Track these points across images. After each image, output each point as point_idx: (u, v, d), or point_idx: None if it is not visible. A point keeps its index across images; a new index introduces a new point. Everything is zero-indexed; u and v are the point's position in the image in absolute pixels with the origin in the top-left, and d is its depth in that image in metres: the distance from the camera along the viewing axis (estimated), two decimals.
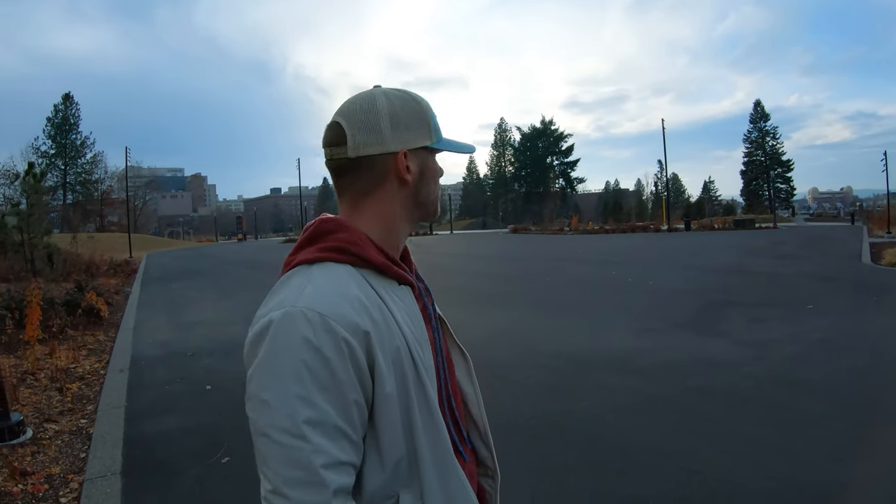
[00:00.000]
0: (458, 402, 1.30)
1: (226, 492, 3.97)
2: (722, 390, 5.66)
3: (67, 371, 7.12)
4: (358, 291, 1.06)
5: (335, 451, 0.99)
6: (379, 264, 1.12)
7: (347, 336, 1.00)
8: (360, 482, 1.07)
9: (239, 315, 11.41)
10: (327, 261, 1.10)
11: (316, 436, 0.97)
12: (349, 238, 1.12)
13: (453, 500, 1.13)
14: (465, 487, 1.16)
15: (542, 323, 9.69)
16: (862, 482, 3.72)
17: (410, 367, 1.08)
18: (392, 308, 1.10)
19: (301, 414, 0.97)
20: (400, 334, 1.08)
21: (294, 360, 0.98)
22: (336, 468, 0.99)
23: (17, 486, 4.04)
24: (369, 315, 1.04)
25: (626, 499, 3.64)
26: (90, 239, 26.15)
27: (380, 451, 1.06)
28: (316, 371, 0.98)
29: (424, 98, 1.20)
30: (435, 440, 1.10)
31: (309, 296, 1.03)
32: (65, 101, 71.84)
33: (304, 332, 0.99)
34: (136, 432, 5.14)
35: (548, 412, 5.24)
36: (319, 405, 0.98)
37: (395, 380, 1.05)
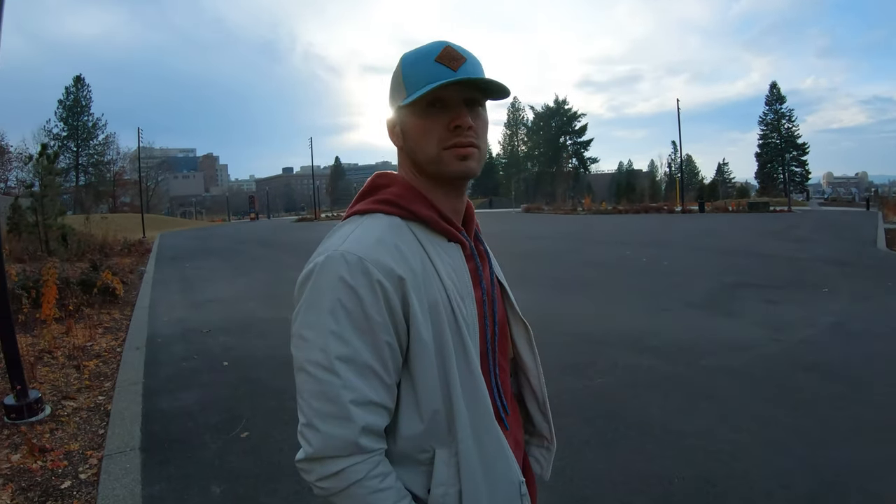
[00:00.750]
0: (503, 364, 1.30)
1: (246, 466, 4.00)
2: (737, 371, 5.64)
3: (84, 349, 7.18)
4: (399, 241, 1.10)
5: (365, 389, 1.04)
6: (425, 218, 1.15)
7: (381, 278, 1.04)
8: (396, 427, 1.11)
9: (254, 293, 11.50)
10: (377, 212, 1.16)
11: (347, 372, 1.03)
12: (398, 192, 1.17)
13: (490, 465, 1.14)
14: (504, 453, 1.17)
15: (558, 302, 9.68)
16: (875, 464, 3.70)
17: (450, 318, 1.11)
18: (435, 260, 1.13)
19: (334, 350, 1.03)
20: (441, 286, 1.11)
21: (331, 297, 1.04)
22: (365, 406, 1.04)
23: (36, 463, 4.09)
24: (408, 263, 1.08)
25: (645, 476, 3.64)
26: (103, 220, 26.35)
27: (417, 398, 1.10)
28: (350, 309, 1.03)
29: (424, 45, 1.17)
30: (473, 397, 1.12)
31: (351, 241, 1.08)
32: (76, 84, 71.96)
33: (342, 272, 1.04)
34: (154, 408, 5.19)
35: (565, 389, 5.24)
36: (352, 342, 1.03)
37: (431, 328, 1.09)
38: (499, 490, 1.16)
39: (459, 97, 1.13)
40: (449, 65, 1.11)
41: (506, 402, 1.26)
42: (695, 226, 26.87)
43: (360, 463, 1.05)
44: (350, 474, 1.04)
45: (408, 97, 1.13)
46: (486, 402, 1.15)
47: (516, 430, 1.32)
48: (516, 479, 1.20)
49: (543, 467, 1.45)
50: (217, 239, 30.35)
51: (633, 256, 15.58)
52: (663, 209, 44.54)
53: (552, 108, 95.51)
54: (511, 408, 1.32)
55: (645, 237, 21.66)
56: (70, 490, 3.74)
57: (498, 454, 1.16)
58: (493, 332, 1.23)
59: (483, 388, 1.14)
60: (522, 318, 1.41)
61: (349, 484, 1.04)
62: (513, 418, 1.32)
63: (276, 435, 4.46)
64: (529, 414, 1.44)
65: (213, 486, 3.72)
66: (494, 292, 1.29)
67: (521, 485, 1.21)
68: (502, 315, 1.33)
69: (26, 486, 3.77)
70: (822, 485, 3.45)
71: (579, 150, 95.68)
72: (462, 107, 1.13)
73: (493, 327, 1.24)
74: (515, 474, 1.20)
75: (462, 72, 1.11)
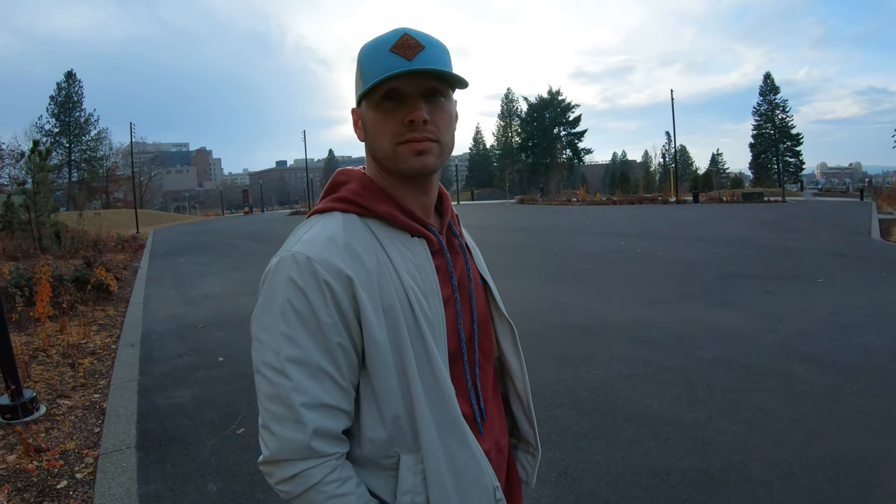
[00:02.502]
0: (484, 366, 1.25)
1: (243, 462, 3.98)
2: (734, 362, 5.64)
3: (79, 346, 7.13)
4: (351, 239, 1.07)
5: (317, 391, 1.02)
6: (383, 214, 1.12)
7: (329, 279, 1.02)
8: (359, 431, 1.09)
9: (247, 287, 11.45)
10: (334, 210, 1.13)
11: (298, 374, 1.01)
12: (355, 189, 1.14)
13: (460, 472, 1.11)
14: (475, 459, 1.13)
15: (553, 293, 9.64)
16: (874, 455, 3.71)
17: (409, 318, 1.07)
18: (394, 258, 1.10)
19: (285, 352, 1.02)
20: (399, 284, 1.08)
21: (282, 299, 1.03)
22: (318, 409, 1.02)
23: (32, 464, 4.06)
24: (359, 262, 1.05)
25: (640, 468, 3.63)
26: (97, 216, 26.18)
27: (377, 402, 1.08)
28: (300, 310, 1.02)
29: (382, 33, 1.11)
30: (438, 401, 1.09)
31: (303, 242, 1.07)
32: (68, 79, 71.41)
33: (292, 273, 1.03)
34: (149, 405, 5.15)
35: (560, 381, 5.24)
36: (302, 344, 1.02)
37: (386, 328, 1.06)
38: (470, 497, 1.12)
39: (417, 89, 1.07)
40: (404, 54, 1.05)
41: (483, 406, 1.21)
42: (689, 216, 26.88)
43: (315, 467, 1.03)
44: (306, 478, 1.03)
45: (364, 86, 1.08)
46: (453, 407, 1.10)
47: (498, 434, 1.28)
48: (490, 486, 1.16)
49: (529, 474, 1.43)
50: (211, 234, 30.22)
51: (627, 247, 15.57)
52: (658, 200, 44.51)
53: (546, 99, 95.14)
54: (495, 411, 1.28)
55: (639, 228, 21.65)
56: (66, 490, 3.71)
57: (468, 461, 1.12)
58: (469, 332, 1.20)
59: (449, 391, 1.10)
60: (507, 317, 1.35)
61: (306, 488, 1.03)
62: (496, 421, 1.28)
63: None
64: (515, 418, 1.41)
65: (209, 483, 3.69)
66: (473, 289, 1.23)
67: (496, 490, 1.17)
68: (484, 314, 1.28)
69: (22, 486, 3.75)
70: (822, 476, 3.45)
71: (573, 141, 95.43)
72: (418, 100, 1.07)
73: (469, 326, 1.20)
74: (489, 480, 1.16)
75: (417, 61, 1.05)
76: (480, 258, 1.35)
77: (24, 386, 5.06)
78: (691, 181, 73.05)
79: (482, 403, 1.21)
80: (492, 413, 1.25)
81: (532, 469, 1.43)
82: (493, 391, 1.29)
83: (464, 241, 1.28)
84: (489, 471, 1.16)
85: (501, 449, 1.28)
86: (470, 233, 1.37)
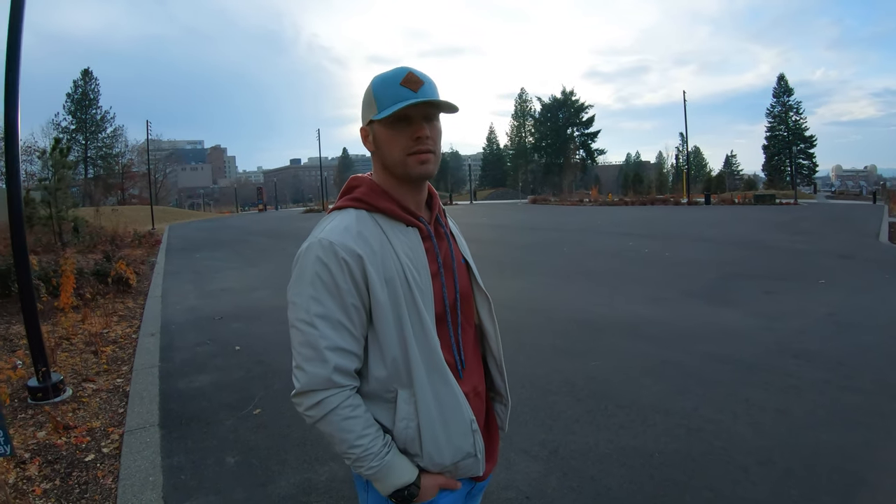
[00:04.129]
0: (466, 328, 1.62)
1: (258, 439, 4.28)
2: (729, 357, 5.85)
3: (101, 335, 7.45)
4: (362, 228, 1.44)
5: (336, 338, 1.39)
6: (385, 210, 1.49)
7: (346, 257, 1.39)
8: (367, 371, 1.47)
9: (263, 282, 11.76)
10: (348, 207, 1.51)
11: (323, 325, 1.39)
12: (364, 191, 1.51)
13: (443, 405, 1.48)
14: (455, 395, 1.50)
15: (559, 290, 9.92)
16: (853, 445, 3.91)
17: (404, 286, 1.44)
18: (394, 242, 1.47)
19: (313, 309, 1.39)
20: (397, 261, 1.45)
21: (311, 272, 1.40)
22: (337, 351, 1.40)
23: (60, 439, 4.37)
24: (368, 245, 1.42)
25: (627, 449, 3.89)
26: (114, 212, 26.55)
27: (380, 349, 1.44)
28: (324, 280, 1.39)
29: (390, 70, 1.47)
30: (426, 349, 1.46)
31: (327, 231, 1.43)
32: (84, 77, 72.36)
33: (318, 253, 1.40)
34: (171, 389, 5.47)
35: (559, 371, 5.50)
36: (326, 304, 1.39)
37: (387, 293, 1.43)
38: (451, 425, 1.49)
39: (420, 113, 1.44)
40: (411, 87, 1.41)
41: (463, 357, 1.57)
42: (699, 217, 26.96)
43: (333, 395, 1.41)
44: (326, 404, 1.40)
45: (379, 113, 1.43)
46: (437, 354, 1.47)
47: (476, 382, 1.63)
48: (467, 418, 1.52)
49: (503, 420, 1.77)
50: (226, 230, 30.61)
51: (635, 247, 15.75)
52: (669, 201, 44.59)
53: (559, 99, 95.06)
54: (474, 363, 1.64)
55: (648, 228, 21.79)
56: (94, 462, 4.02)
57: (450, 396, 1.49)
58: (453, 299, 1.55)
59: (434, 342, 1.47)
60: (485, 291, 1.70)
61: (326, 412, 1.41)
62: (475, 372, 1.63)
63: (287, 411, 4.73)
64: (491, 374, 1.75)
65: (228, 457, 4.00)
66: (455, 267, 1.59)
67: (472, 422, 1.53)
68: (466, 286, 1.64)
69: (52, 459, 4.05)
70: (800, 463, 3.66)
71: (586, 142, 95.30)
72: (422, 121, 1.44)
73: (453, 294, 1.55)
74: (467, 413, 1.52)
75: (422, 93, 1.42)
76: (464, 244, 1.71)
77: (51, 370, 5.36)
78: (705, 182, 72.80)
79: (462, 355, 1.57)
80: (471, 364, 1.61)
81: (505, 416, 1.76)
82: (473, 348, 1.65)
83: (449, 230, 1.64)
84: (467, 406, 1.52)
85: (479, 394, 1.63)
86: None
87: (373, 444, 1.43)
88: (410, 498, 1.48)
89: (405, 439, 1.48)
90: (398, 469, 1.46)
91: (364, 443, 1.42)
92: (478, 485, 1.70)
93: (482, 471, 1.60)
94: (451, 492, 1.57)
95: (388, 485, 1.46)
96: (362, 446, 1.42)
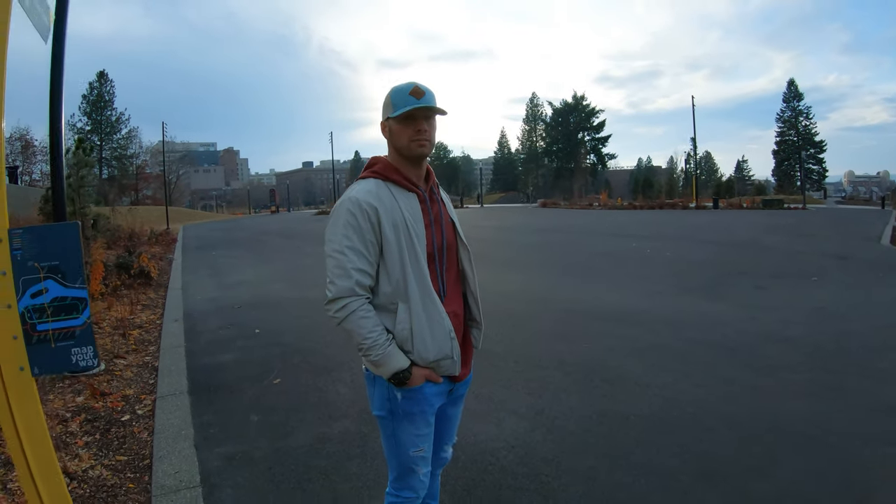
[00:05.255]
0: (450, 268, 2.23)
1: (278, 402, 4.81)
2: (712, 341, 6.28)
3: (127, 321, 7.96)
4: (378, 190, 2.08)
5: (358, 261, 2.00)
6: (394, 179, 2.13)
7: (367, 208, 2.00)
8: (378, 289, 2.08)
9: (278, 277, 12.26)
10: (369, 177, 2.14)
11: (350, 252, 2.00)
12: (380, 167, 2.15)
13: (430, 315, 2.10)
14: (439, 311, 2.11)
15: (559, 284, 10.39)
16: (816, 414, 4.33)
17: (405, 231, 2.06)
18: (400, 201, 2.09)
19: (343, 242, 2.01)
20: (401, 214, 2.06)
21: (343, 219, 2.02)
22: (358, 271, 2.01)
23: (98, 403, 4.87)
24: (381, 201, 2.04)
25: (606, 413, 4.36)
26: (129, 211, 27.15)
27: (387, 272, 2.06)
28: (351, 223, 2.00)
29: (403, 83, 2.12)
30: (418, 275, 2.08)
31: (354, 191, 2.07)
32: (100, 79, 73.51)
33: (348, 206, 2.02)
34: (197, 364, 5.98)
35: (554, 351, 5.97)
36: (352, 239, 2.00)
37: (393, 233, 2.04)
38: (435, 331, 2.11)
39: (421, 114, 2.09)
40: (416, 97, 2.08)
41: (445, 287, 2.19)
42: (705, 221, 27.24)
43: (353, 301, 2.03)
44: (349, 307, 2.03)
45: (394, 112, 2.10)
46: (427, 280, 2.08)
47: (455, 307, 2.22)
48: (447, 327, 2.13)
49: (477, 339, 2.37)
50: (239, 230, 31.18)
51: (638, 248, 16.14)
52: (678, 205, 44.83)
53: (570, 103, 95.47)
54: (455, 293, 2.24)
55: (654, 231, 22.14)
56: (130, 421, 4.52)
57: (434, 310, 2.11)
58: (440, 245, 2.16)
59: (425, 272, 2.09)
60: (466, 243, 2.30)
61: (349, 313, 2.01)
62: (455, 300, 2.24)
63: (304, 382, 5.28)
64: (469, 307, 2.33)
65: (252, 416, 4.51)
66: (443, 222, 2.22)
67: (451, 332, 2.15)
68: (451, 238, 2.24)
69: (91, 418, 4.56)
70: (764, 427, 4.08)
71: (597, 146, 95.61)
72: (422, 120, 2.10)
73: (440, 242, 2.16)
74: (447, 324, 2.13)
75: (423, 101, 2.08)
76: (452, 210, 2.32)
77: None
78: (714, 188, 72.93)
79: (444, 286, 2.17)
80: (451, 294, 2.22)
81: (479, 337, 2.36)
82: (454, 283, 2.25)
83: (440, 198, 2.26)
84: (447, 320, 2.12)
85: (458, 316, 2.23)
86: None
87: (379, 337, 2.03)
88: (404, 380, 2.07)
89: (402, 339, 2.07)
90: (395, 358, 2.05)
91: (373, 336, 2.02)
92: (456, 386, 2.27)
93: (458, 371, 2.20)
94: (435, 385, 2.16)
95: (388, 369, 2.05)
96: (372, 338, 2.02)
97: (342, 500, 3.29)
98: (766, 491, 3.24)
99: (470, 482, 3.41)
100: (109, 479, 3.60)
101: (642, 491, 3.28)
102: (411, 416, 2.14)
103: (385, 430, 2.20)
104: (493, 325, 6.93)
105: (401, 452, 2.18)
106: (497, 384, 5.04)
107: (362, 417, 4.34)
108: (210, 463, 3.75)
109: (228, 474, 3.60)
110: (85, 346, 2.26)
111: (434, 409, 2.20)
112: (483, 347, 2.41)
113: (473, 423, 4.16)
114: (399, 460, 2.20)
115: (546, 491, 3.29)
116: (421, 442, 2.18)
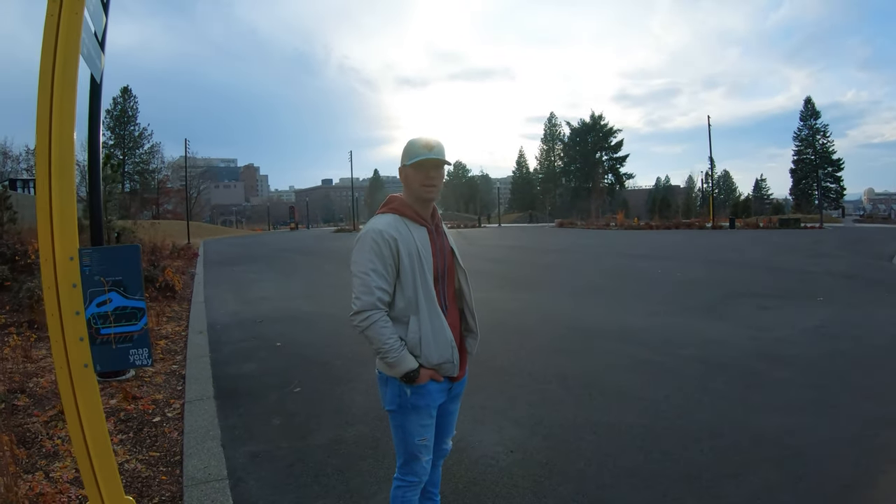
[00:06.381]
0: (450, 288, 2.67)
1: (298, 408, 5.23)
2: (708, 359, 6.58)
3: (152, 331, 8.39)
4: (396, 224, 2.49)
5: (380, 281, 2.41)
6: (408, 215, 2.55)
7: (388, 238, 2.41)
8: (394, 304, 2.49)
9: (298, 293, 12.74)
10: (387, 212, 2.57)
11: (372, 274, 2.40)
12: (397, 205, 2.58)
13: (435, 327, 2.52)
14: (442, 323, 2.54)
15: (566, 303, 10.76)
16: (797, 426, 4.63)
17: (416, 258, 2.48)
18: (413, 233, 2.51)
19: (368, 265, 2.41)
20: (414, 244, 2.48)
21: (368, 245, 2.42)
22: (379, 289, 2.41)
23: (130, 405, 5.29)
24: (399, 232, 2.45)
25: (600, 423, 4.72)
26: (152, 226, 27.81)
27: (402, 291, 2.48)
28: (375, 249, 2.40)
29: (418, 137, 2.57)
30: (427, 294, 2.50)
31: (376, 224, 2.47)
32: (123, 95, 75.17)
33: (373, 235, 2.42)
34: (222, 373, 6.42)
35: (555, 367, 6.32)
36: (376, 262, 2.40)
37: (408, 260, 2.46)
38: (439, 340, 2.54)
39: (431, 164, 2.53)
40: (428, 149, 2.52)
41: (446, 303, 2.64)
42: (720, 242, 27.43)
43: (374, 313, 2.44)
44: (371, 318, 2.42)
45: (409, 161, 2.53)
46: (433, 298, 2.51)
47: (454, 320, 2.65)
48: (450, 338, 2.58)
49: (473, 347, 2.79)
50: (259, 247, 31.83)
51: (648, 268, 16.47)
52: (694, 225, 45.00)
53: (588, 123, 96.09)
54: (454, 309, 2.67)
55: (667, 251, 22.43)
56: (161, 423, 4.93)
57: (439, 323, 2.52)
58: (442, 269, 2.59)
59: (432, 291, 2.52)
60: (463, 267, 2.73)
61: (371, 323, 2.40)
62: (454, 314, 2.66)
63: (322, 390, 5.71)
64: (466, 319, 2.76)
65: (274, 419, 4.94)
66: (445, 252, 2.66)
67: (452, 341, 2.59)
68: (451, 264, 2.68)
69: (125, 419, 4.98)
70: (746, 438, 4.39)
71: (615, 166, 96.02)
72: (432, 168, 2.53)
73: (443, 267, 2.59)
74: (449, 334, 2.58)
75: (433, 153, 2.52)
76: (452, 240, 2.75)
77: None
78: (732, 207, 72.81)
79: (446, 302, 2.61)
80: (452, 309, 2.66)
81: (474, 344, 2.79)
82: (452, 300, 2.69)
83: (443, 232, 2.70)
84: (449, 331, 2.56)
85: (455, 327, 2.66)
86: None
87: (395, 343, 2.46)
88: (413, 379, 2.50)
89: (412, 345, 2.50)
90: (407, 360, 2.48)
91: (391, 342, 2.44)
92: (454, 385, 2.71)
93: (457, 373, 2.66)
94: (437, 383, 2.59)
95: (401, 369, 2.48)
96: (389, 344, 2.43)
97: (354, 491, 3.69)
98: (739, 494, 3.56)
99: (471, 480, 3.79)
100: (144, 471, 4.01)
101: (625, 490, 3.63)
102: (418, 409, 2.56)
103: (395, 421, 2.63)
104: (500, 339, 7.36)
105: (408, 441, 2.61)
106: (501, 395, 5.40)
107: (376, 423, 4.72)
108: (236, 460, 4.17)
109: (252, 469, 4.02)
110: (142, 347, 2.67)
111: (436, 403, 2.62)
112: (490, 361, 2.91)
113: (477, 430, 4.56)
114: (406, 448, 2.62)
115: (539, 489, 3.66)
116: (425, 432, 2.61)
